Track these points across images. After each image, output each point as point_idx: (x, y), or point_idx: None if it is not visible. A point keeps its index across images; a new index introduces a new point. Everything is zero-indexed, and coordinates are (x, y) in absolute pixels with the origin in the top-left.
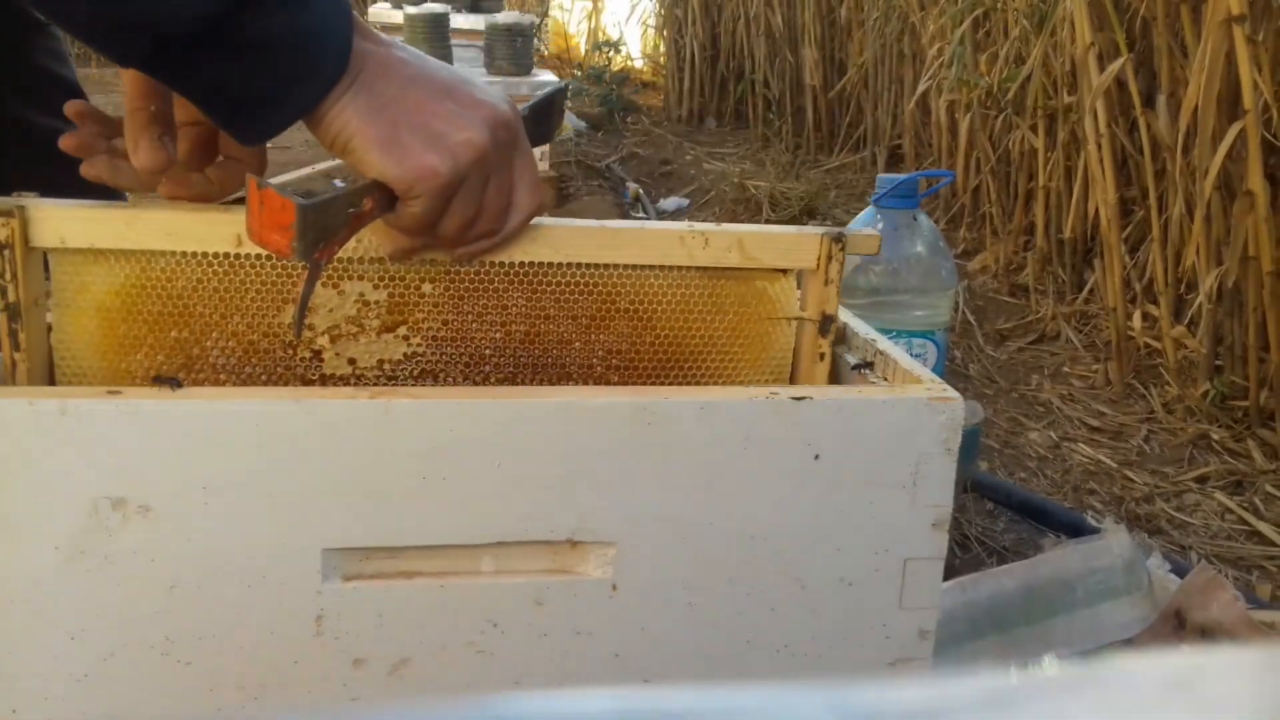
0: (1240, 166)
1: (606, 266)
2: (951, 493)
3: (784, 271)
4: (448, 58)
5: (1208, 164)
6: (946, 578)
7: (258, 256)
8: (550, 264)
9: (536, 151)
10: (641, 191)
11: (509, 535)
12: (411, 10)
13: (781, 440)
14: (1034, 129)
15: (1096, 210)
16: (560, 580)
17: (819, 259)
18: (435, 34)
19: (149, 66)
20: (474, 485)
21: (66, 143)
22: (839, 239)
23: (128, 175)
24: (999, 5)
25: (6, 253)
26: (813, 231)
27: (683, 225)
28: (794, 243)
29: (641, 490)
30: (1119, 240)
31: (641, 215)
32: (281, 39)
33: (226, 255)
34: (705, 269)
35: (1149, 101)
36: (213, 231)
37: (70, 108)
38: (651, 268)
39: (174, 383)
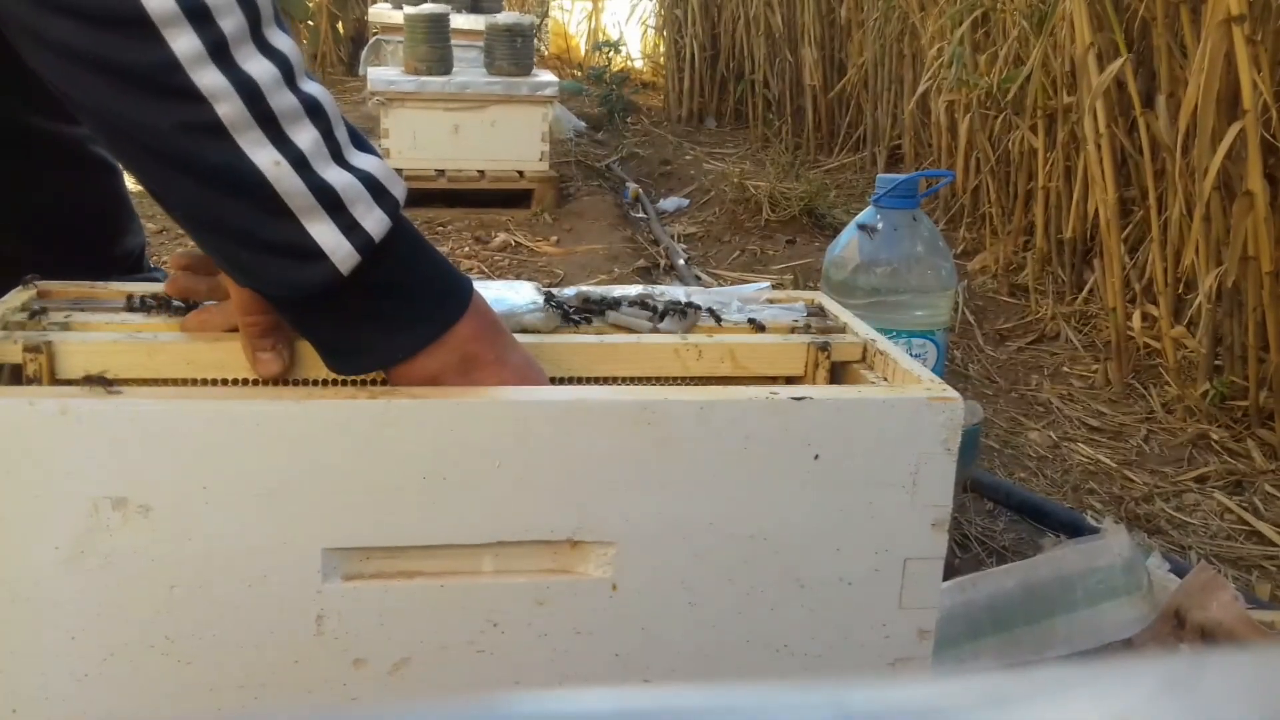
0: (1240, 166)
1: (605, 379)
2: (951, 493)
3: (774, 378)
4: (448, 58)
5: (1207, 164)
6: (946, 578)
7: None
8: (553, 378)
9: (535, 151)
10: (641, 191)
11: (509, 535)
12: (411, 10)
13: (781, 440)
14: (1034, 129)
15: (1096, 210)
16: (560, 580)
17: (806, 366)
18: (435, 34)
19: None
20: (474, 485)
21: (171, 288)
22: (824, 348)
23: (224, 313)
24: (998, 5)
25: (34, 388)
26: (799, 341)
27: (676, 338)
28: (782, 352)
29: (641, 490)
30: (1118, 240)
31: (642, 215)
32: (367, 311)
33: (245, 381)
34: (700, 378)
35: (1148, 102)
36: (230, 360)
37: (177, 261)
38: (648, 378)
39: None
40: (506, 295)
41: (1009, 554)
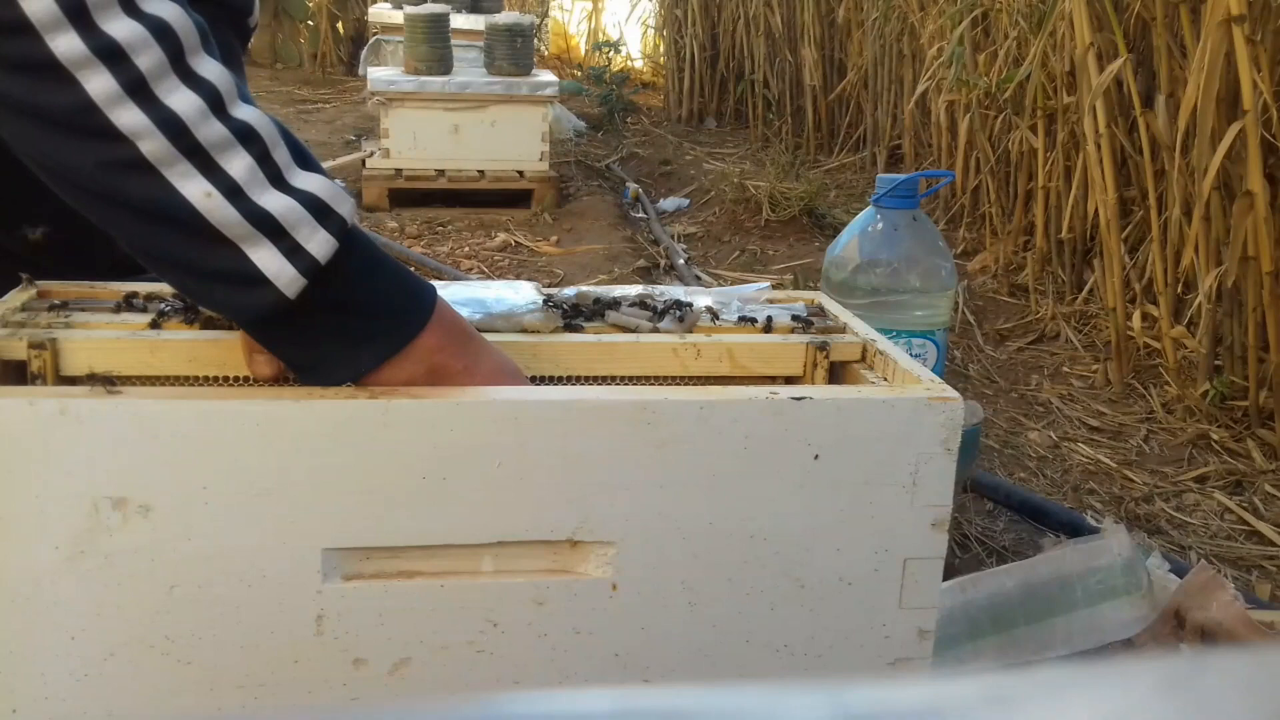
0: (1239, 166)
1: (603, 378)
2: (951, 493)
3: (772, 378)
4: (448, 58)
5: (1207, 164)
6: (946, 578)
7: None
8: (551, 378)
9: (535, 151)
10: (641, 191)
11: (509, 535)
12: (411, 10)
13: (781, 440)
14: (1033, 129)
15: (1096, 210)
16: (560, 580)
17: (805, 365)
18: (435, 34)
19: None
20: (474, 485)
21: None
22: (823, 347)
23: None
24: (998, 5)
25: (39, 384)
26: (797, 341)
27: (675, 338)
28: (781, 351)
29: (641, 490)
30: (1118, 240)
31: (642, 215)
32: (324, 329)
33: (245, 379)
34: (698, 378)
35: (1148, 102)
36: (232, 357)
37: None
38: (647, 378)
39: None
40: (506, 295)
41: (1009, 554)
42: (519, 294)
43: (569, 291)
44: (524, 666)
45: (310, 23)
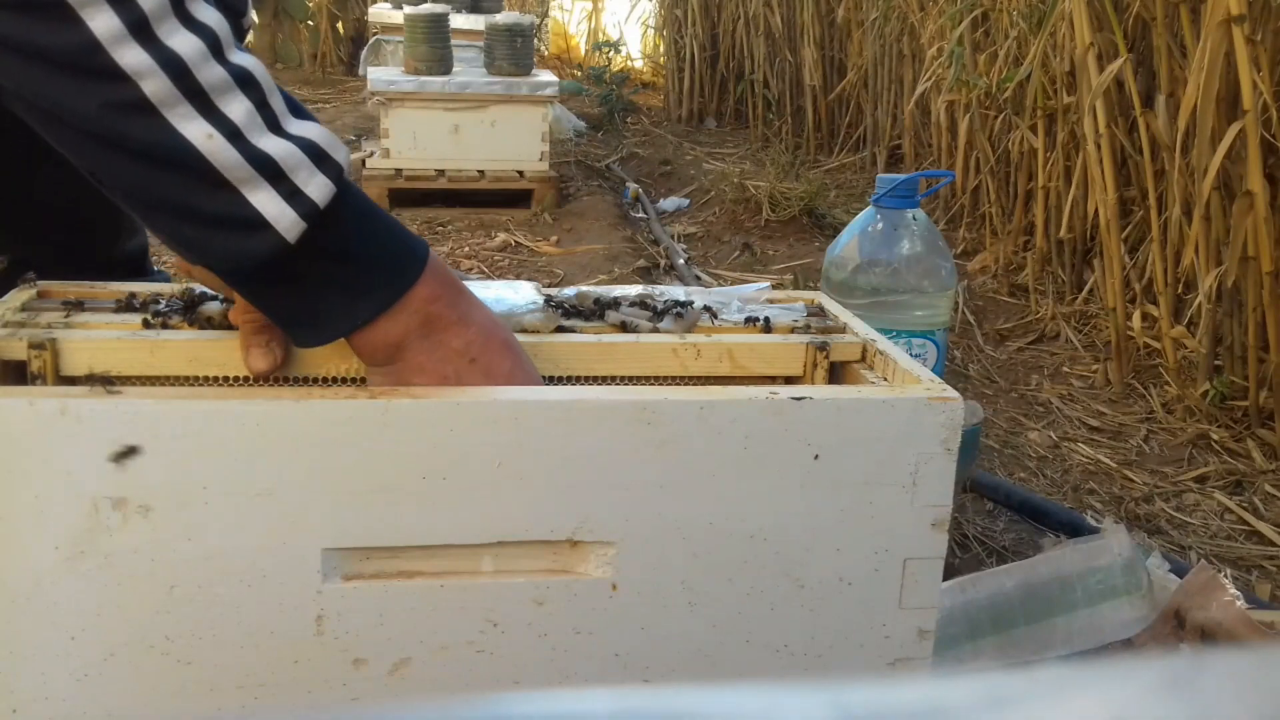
0: (1239, 167)
1: (604, 378)
2: (951, 493)
3: (772, 378)
4: (448, 58)
5: (1207, 164)
6: (946, 578)
7: (274, 381)
8: (551, 378)
9: (535, 151)
10: (641, 191)
11: (509, 535)
12: (411, 10)
13: (781, 440)
14: (1033, 129)
15: (1096, 210)
16: (560, 580)
17: (805, 365)
18: (435, 34)
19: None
20: (474, 485)
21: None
22: (823, 347)
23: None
24: (998, 5)
25: (39, 384)
26: (797, 341)
27: (675, 338)
28: (781, 351)
29: (641, 490)
30: (1118, 240)
31: (642, 215)
32: (322, 278)
33: (245, 379)
34: (698, 378)
35: (1148, 102)
36: (232, 357)
37: (182, 264)
38: (647, 378)
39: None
40: (506, 295)
41: (1009, 554)
42: (519, 294)
43: (569, 291)
44: (524, 666)
45: (310, 23)
